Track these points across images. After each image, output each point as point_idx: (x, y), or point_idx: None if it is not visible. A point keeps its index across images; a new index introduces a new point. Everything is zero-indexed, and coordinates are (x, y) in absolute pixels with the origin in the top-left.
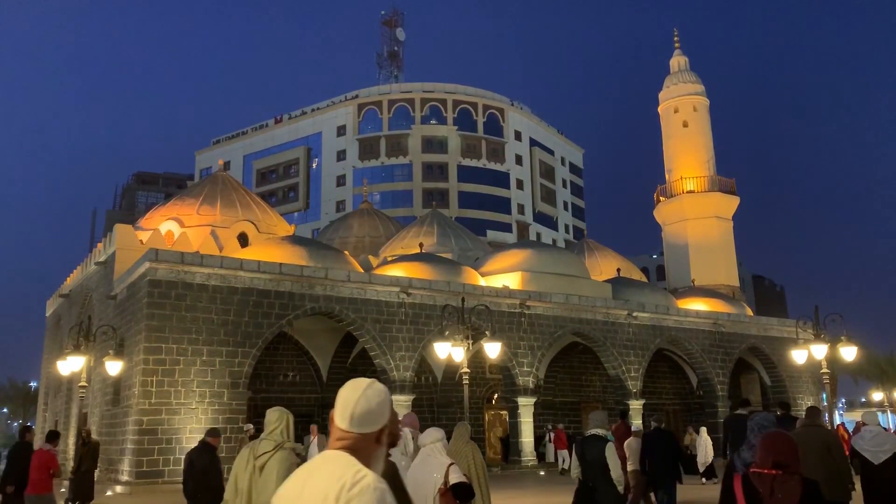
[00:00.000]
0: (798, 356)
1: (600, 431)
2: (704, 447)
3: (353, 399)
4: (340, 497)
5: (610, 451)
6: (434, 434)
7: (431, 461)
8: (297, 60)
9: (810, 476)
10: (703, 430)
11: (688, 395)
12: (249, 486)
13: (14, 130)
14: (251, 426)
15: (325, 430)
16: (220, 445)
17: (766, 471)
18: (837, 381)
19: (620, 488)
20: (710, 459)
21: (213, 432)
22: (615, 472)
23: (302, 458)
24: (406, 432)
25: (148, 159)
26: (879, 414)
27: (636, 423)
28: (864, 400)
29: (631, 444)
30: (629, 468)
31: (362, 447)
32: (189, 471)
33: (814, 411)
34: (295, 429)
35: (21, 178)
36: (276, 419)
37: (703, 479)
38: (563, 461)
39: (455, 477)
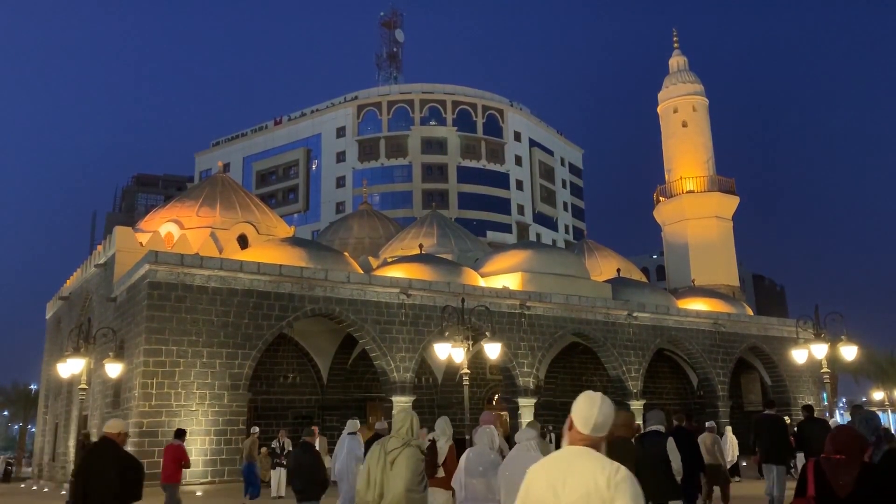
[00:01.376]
0: (798, 356)
1: (661, 428)
2: (730, 447)
3: (594, 413)
4: (610, 482)
5: (671, 446)
6: (529, 432)
7: (526, 455)
8: (297, 62)
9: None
10: (728, 429)
11: (688, 395)
12: (382, 478)
13: (14, 132)
14: (257, 429)
15: (324, 431)
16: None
17: (832, 457)
18: (838, 381)
19: (679, 478)
20: (735, 458)
21: (309, 432)
22: (675, 463)
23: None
24: (492, 429)
25: (147, 161)
26: (881, 413)
27: (637, 422)
28: (864, 399)
29: (705, 440)
30: (708, 461)
31: (597, 446)
32: (296, 469)
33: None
34: (295, 430)
35: (21, 181)
36: (402, 420)
37: (736, 478)
38: None
39: None
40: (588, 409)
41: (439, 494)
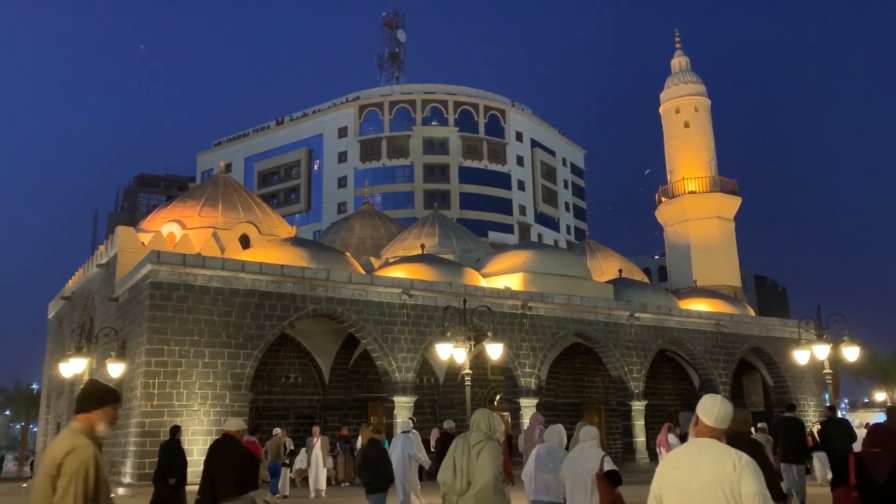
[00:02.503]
0: (800, 356)
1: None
2: None
3: (716, 408)
4: (736, 466)
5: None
6: (592, 432)
7: (589, 452)
8: (299, 62)
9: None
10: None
11: (690, 395)
12: (467, 468)
13: (15, 132)
14: (279, 430)
15: (326, 431)
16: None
17: (870, 450)
18: (840, 382)
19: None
20: None
21: (377, 430)
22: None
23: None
24: (561, 427)
25: (149, 161)
26: (882, 415)
27: (639, 423)
28: (866, 400)
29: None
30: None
31: (719, 437)
32: (363, 464)
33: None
34: (296, 430)
35: (23, 181)
36: (480, 417)
37: None
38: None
39: (608, 465)
40: (712, 405)
41: None
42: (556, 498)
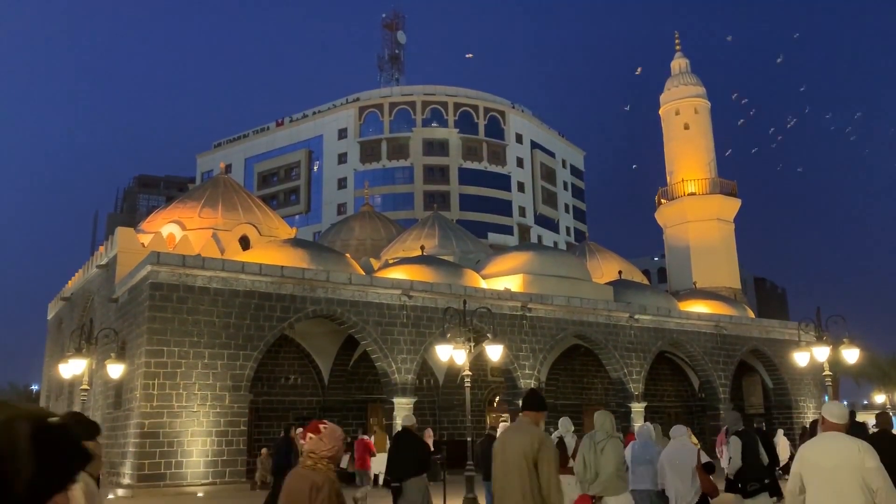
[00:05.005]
0: (800, 358)
1: (740, 427)
2: (783, 448)
3: (838, 410)
4: (860, 450)
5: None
6: (683, 429)
7: (683, 447)
8: (299, 63)
9: None
10: (780, 432)
11: (690, 397)
12: (595, 461)
13: (15, 133)
14: (301, 429)
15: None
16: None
17: None
18: (840, 384)
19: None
20: (786, 460)
21: (492, 428)
22: (765, 458)
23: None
24: (650, 426)
25: (149, 162)
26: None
27: (638, 424)
28: (866, 402)
29: (780, 442)
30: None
31: (842, 430)
32: (484, 455)
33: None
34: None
35: (22, 181)
36: (602, 417)
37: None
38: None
39: (703, 457)
40: (836, 408)
41: (570, 479)
42: (653, 486)
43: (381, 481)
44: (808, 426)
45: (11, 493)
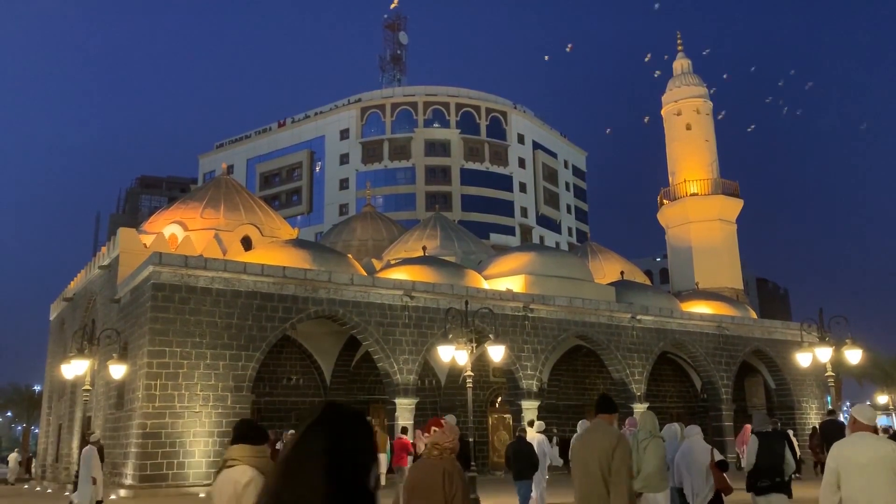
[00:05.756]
0: (802, 359)
1: (769, 428)
2: (795, 448)
3: (868, 412)
4: (894, 450)
5: (788, 444)
6: (697, 429)
7: (699, 444)
8: (301, 64)
9: None
10: (790, 432)
11: (692, 398)
12: (638, 459)
13: (17, 133)
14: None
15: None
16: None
17: None
18: (842, 384)
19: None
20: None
21: (522, 429)
22: (790, 460)
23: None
24: (677, 426)
25: (151, 163)
26: (884, 417)
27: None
28: (868, 403)
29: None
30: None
31: (872, 431)
32: (515, 455)
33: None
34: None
35: (24, 182)
36: (645, 418)
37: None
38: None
39: (717, 456)
40: (867, 411)
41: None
42: (674, 484)
43: (382, 482)
44: (817, 427)
45: (367, 490)
